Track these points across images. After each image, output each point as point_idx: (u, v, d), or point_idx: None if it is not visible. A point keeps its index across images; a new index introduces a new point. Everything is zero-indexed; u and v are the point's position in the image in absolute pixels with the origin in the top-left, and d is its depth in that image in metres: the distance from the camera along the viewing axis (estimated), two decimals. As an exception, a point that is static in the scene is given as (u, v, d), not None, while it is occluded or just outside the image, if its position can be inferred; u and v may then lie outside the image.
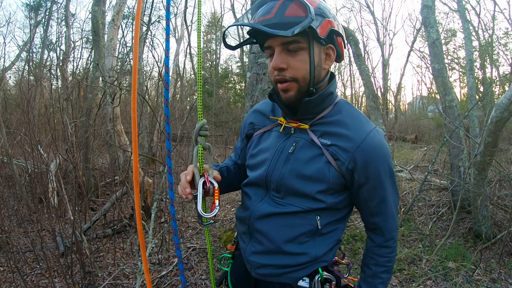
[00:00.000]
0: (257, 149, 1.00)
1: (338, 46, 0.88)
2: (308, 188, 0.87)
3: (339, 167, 0.86)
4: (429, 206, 4.44)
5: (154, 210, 2.39)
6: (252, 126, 1.06)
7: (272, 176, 0.91)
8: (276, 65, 0.82)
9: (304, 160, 0.88)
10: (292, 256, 0.90)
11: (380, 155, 0.86)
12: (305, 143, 0.89)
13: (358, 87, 26.16)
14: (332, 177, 0.86)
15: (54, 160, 4.54)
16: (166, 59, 0.94)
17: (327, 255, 0.93)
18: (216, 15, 21.92)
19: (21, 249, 3.01)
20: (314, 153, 0.87)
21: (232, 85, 20.37)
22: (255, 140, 1.02)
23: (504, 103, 2.65)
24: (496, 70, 14.63)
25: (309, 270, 0.92)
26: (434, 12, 4.35)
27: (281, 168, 0.90)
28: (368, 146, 0.84)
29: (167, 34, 0.93)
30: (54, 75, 6.46)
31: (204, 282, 2.63)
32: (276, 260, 0.92)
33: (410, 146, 12.12)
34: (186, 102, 13.79)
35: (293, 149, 0.90)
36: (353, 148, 0.84)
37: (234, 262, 1.11)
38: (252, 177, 0.98)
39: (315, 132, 0.89)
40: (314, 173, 0.86)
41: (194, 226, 3.91)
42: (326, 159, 0.86)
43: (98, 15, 5.09)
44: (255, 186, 0.98)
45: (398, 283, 2.64)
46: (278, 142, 0.94)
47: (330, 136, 0.87)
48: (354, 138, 0.85)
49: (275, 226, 0.91)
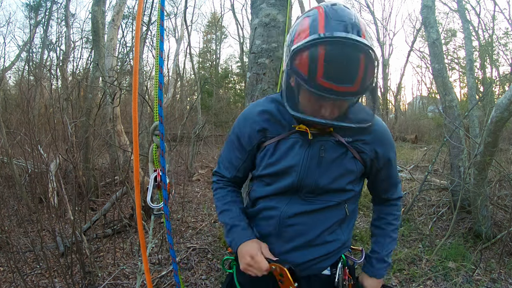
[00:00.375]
0: (274, 157, 0.96)
1: None
2: (341, 184, 0.94)
3: (363, 159, 0.96)
4: (429, 206, 4.44)
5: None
6: (264, 134, 0.97)
7: (305, 181, 0.94)
8: (332, 115, 0.86)
9: (335, 159, 0.93)
10: (324, 245, 0.96)
11: (390, 140, 1.00)
12: (332, 144, 0.93)
13: (358, 87, 26.09)
14: (358, 169, 0.96)
15: (54, 160, 4.54)
16: (160, 60, 0.95)
17: (349, 239, 1.04)
18: (216, 15, 21.92)
19: (21, 249, 3.01)
20: (341, 151, 0.94)
21: (232, 85, 20.37)
22: (271, 149, 0.96)
23: (504, 103, 2.65)
24: (496, 70, 14.67)
25: (335, 258, 0.99)
26: (434, 12, 4.35)
27: (315, 173, 0.93)
28: (382, 135, 0.96)
29: (160, 35, 0.94)
30: (54, 75, 6.47)
31: (204, 282, 2.63)
32: (308, 255, 0.96)
33: (410, 146, 12.13)
34: (186, 102, 13.79)
35: (324, 153, 0.93)
36: (373, 140, 0.95)
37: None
38: (278, 187, 0.97)
39: (338, 132, 0.93)
40: (344, 170, 0.94)
41: (194, 226, 3.91)
42: (351, 155, 0.94)
43: (98, 15, 5.09)
44: (280, 195, 0.98)
45: (398, 283, 2.64)
46: (302, 149, 0.93)
47: (351, 132, 0.93)
48: (371, 131, 0.93)
49: (308, 222, 0.95)
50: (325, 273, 0.98)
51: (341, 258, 1.00)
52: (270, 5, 2.17)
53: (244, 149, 1.02)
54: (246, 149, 1.02)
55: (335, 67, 0.72)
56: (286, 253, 0.96)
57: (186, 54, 18.57)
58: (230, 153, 1.06)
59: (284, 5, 2.18)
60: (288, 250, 0.96)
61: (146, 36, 7.73)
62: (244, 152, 1.02)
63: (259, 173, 1.00)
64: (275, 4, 2.16)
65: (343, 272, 0.98)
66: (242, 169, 1.06)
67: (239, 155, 1.04)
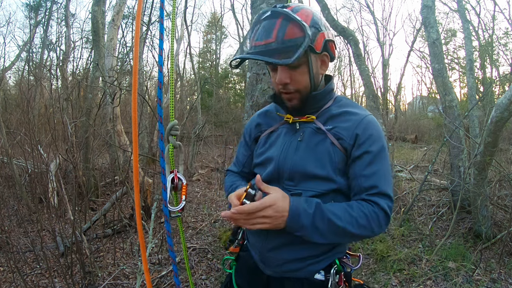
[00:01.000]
0: (264, 147, 1.04)
1: (331, 51, 0.96)
2: (319, 170, 0.92)
3: (342, 145, 0.93)
4: (429, 206, 4.44)
5: (154, 210, 2.38)
6: (260, 128, 1.10)
7: (284, 166, 0.95)
8: (281, 81, 0.91)
9: (312, 144, 0.95)
10: (312, 244, 0.91)
11: (376, 132, 0.93)
12: (311, 131, 0.96)
13: (358, 87, 26.18)
14: (337, 157, 0.92)
15: (54, 160, 4.54)
16: (160, 58, 0.95)
17: (342, 243, 0.98)
18: (216, 15, 21.92)
19: (21, 249, 3.01)
20: (320, 138, 0.95)
21: (232, 85, 20.37)
22: (262, 140, 1.06)
23: (504, 103, 2.65)
24: (496, 70, 14.67)
25: (327, 262, 0.96)
26: (434, 12, 4.35)
27: (292, 156, 0.95)
28: (366, 124, 0.93)
29: (160, 33, 0.95)
30: (54, 75, 6.46)
31: (204, 282, 2.63)
32: (297, 252, 0.93)
33: (410, 146, 12.14)
34: (186, 102, 13.79)
35: (301, 137, 0.96)
36: (353, 126, 0.92)
37: (239, 264, 1.10)
38: (263, 174, 0.99)
39: (320, 121, 0.97)
40: (322, 155, 0.93)
41: (194, 226, 3.91)
42: (330, 141, 0.93)
43: (98, 15, 5.09)
44: (266, 183, 0.97)
45: (398, 283, 2.64)
46: (286, 137, 1.00)
47: (332, 121, 0.96)
48: (353, 119, 0.94)
49: None
50: (318, 278, 0.95)
51: (335, 262, 0.97)
52: (270, 5, 2.17)
53: (247, 145, 1.14)
54: (248, 145, 1.14)
55: (260, 30, 0.87)
56: (273, 249, 0.95)
57: (186, 54, 18.59)
58: (239, 151, 1.18)
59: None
60: (276, 246, 0.94)
61: (145, 36, 7.72)
62: (247, 148, 1.14)
63: (253, 163, 1.08)
64: (275, 4, 2.16)
65: (338, 278, 0.95)
66: (247, 165, 1.14)
67: (244, 152, 1.15)
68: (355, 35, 5.36)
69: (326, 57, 0.96)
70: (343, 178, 0.93)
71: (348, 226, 0.84)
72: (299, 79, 0.92)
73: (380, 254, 3.06)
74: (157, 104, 0.98)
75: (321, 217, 0.83)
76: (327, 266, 0.96)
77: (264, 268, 0.99)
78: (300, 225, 0.83)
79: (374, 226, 0.86)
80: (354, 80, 24.18)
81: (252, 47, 0.87)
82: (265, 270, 0.99)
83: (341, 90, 23.36)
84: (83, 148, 4.58)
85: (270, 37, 0.84)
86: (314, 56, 0.92)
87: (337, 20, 5.65)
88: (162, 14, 0.95)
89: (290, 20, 0.84)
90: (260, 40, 0.86)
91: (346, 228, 0.84)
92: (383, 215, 0.87)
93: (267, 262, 0.97)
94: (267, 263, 0.98)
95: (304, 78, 0.92)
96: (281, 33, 0.83)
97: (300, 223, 0.82)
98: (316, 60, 0.93)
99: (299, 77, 0.91)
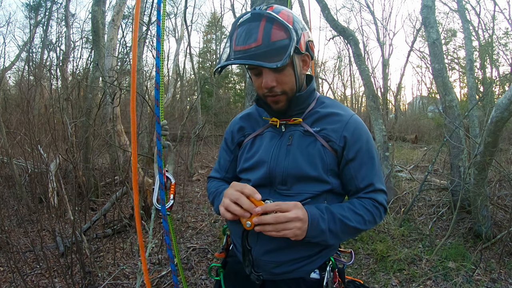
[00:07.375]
0: (251, 152, 1.02)
1: (311, 50, 0.97)
2: (312, 171, 0.92)
3: (332, 147, 0.94)
4: (429, 206, 4.44)
5: (154, 210, 2.38)
6: (243, 132, 1.08)
7: (276, 170, 0.94)
8: (267, 84, 0.89)
9: (303, 147, 0.95)
10: (306, 245, 0.91)
11: (363, 132, 0.96)
12: (300, 134, 0.96)
13: (358, 87, 26.16)
14: (329, 158, 0.94)
15: (54, 160, 4.54)
16: (157, 59, 0.95)
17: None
18: (216, 15, 21.90)
19: (21, 249, 3.01)
20: (309, 140, 0.95)
21: (232, 85, 20.35)
22: (248, 145, 1.04)
23: (504, 103, 2.65)
24: (496, 70, 14.66)
25: (321, 261, 0.96)
26: (434, 12, 4.35)
27: (283, 161, 0.94)
28: (353, 125, 0.95)
29: (157, 35, 0.94)
30: (54, 75, 6.47)
31: (204, 282, 2.63)
32: (291, 254, 0.93)
33: (410, 146, 12.14)
34: (186, 102, 13.80)
35: (290, 141, 0.96)
36: (341, 128, 0.94)
37: (227, 270, 1.08)
38: (253, 179, 0.98)
39: (307, 123, 0.97)
40: (314, 157, 0.93)
41: (194, 226, 3.91)
42: (320, 143, 0.94)
43: (98, 15, 5.09)
44: (256, 188, 0.96)
45: (398, 283, 2.64)
46: (274, 140, 0.99)
47: (319, 123, 0.96)
48: (340, 120, 0.95)
49: None
50: (313, 277, 0.95)
51: (330, 260, 0.97)
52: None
53: (229, 150, 1.12)
54: (231, 149, 1.11)
55: (242, 34, 0.84)
56: (267, 253, 0.93)
57: (186, 54, 18.59)
58: (220, 157, 1.16)
59: (284, 5, 2.18)
60: (271, 249, 0.93)
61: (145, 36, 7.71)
62: (230, 153, 1.12)
63: (239, 168, 1.06)
64: (275, 4, 2.16)
65: (333, 276, 0.95)
66: (230, 170, 1.13)
67: (227, 157, 1.13)
68: (355, 35, 5.36)
69: (307, 57, 0.96)
70: (335, 178, 0.96)
71: (357, 225, 0.90)
72: (286, 80, 0.90)
73: (380, 254, 3.06)
74: (155, 104, 0.98)
75: (334, 220, 0.88)
76: (321, 264, 0.96)
77: (261, 272, 0.97)
78: (319, 231, 0.85)
79: (377, 219, 0.95)
80: (354, 80, 24.18)
81: (237, 52, 0.85)
82: (262, 274, 0.96)
83: (341, 90, 23.37)
84: (83, 148, 4.58)
85: (256, 40, 0.82)
86: (297, 57, 0.91)
87: (337, 20, 5.64)
88: (159, 16, 0.95)
89: (273, 21, 0.83)
90: (243, 44, 0.83)
91: (356, 226, 0.90)
92: (383, 209, 0.96)
93: (260, 266, 0.95)
94: (260, 267, 0.95)
95: (290, 79, 0.91)
96: (266, 36, 0.82)
97: (319, 229, 0.85)
98: (299, 60, 0.93)
99: (285, 79, 0.90)
